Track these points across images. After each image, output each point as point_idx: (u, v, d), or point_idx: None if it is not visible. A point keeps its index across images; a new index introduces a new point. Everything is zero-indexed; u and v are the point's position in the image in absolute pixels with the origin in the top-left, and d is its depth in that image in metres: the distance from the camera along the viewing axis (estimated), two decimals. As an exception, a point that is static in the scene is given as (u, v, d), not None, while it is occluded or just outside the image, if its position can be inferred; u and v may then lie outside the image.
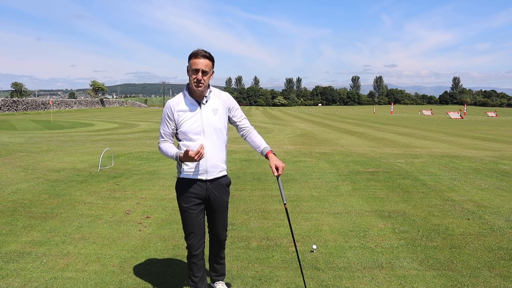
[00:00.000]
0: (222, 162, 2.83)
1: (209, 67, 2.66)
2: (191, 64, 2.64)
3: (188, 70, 2.68)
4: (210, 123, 2.73)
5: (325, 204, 5.84)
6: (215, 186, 2.82)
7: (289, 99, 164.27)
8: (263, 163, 9.58)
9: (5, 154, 10.48)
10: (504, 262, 3.80)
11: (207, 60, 2.64)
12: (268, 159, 2.78)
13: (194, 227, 2.79)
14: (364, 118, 48.95)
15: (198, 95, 2.73)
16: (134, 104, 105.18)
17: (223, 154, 2.83)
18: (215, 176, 2.79)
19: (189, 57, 2.67)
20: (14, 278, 3.40)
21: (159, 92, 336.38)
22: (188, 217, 2.79)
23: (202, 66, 2.62)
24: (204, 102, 2.75)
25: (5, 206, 5.60)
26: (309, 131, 22.17)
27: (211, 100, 2.78)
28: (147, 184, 7.17)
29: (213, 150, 2.75)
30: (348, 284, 3.35)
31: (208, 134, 2.73)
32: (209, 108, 2.75)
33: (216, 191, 2.82)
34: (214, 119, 2.74)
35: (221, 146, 2.81)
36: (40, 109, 58.17)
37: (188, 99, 2.75)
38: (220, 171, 2.82)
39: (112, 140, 15.68)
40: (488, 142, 16.57)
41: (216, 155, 2.77)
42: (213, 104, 2.77)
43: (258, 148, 2.88)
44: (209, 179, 2.78)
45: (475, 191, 6.76)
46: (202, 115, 2.73)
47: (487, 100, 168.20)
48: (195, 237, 2.80)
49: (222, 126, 2.79)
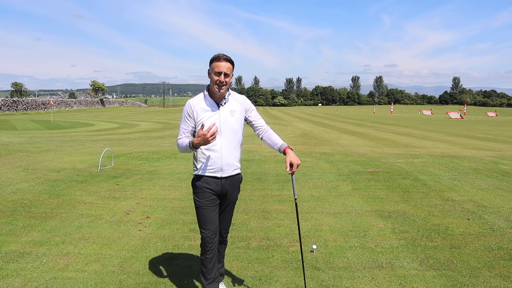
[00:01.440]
0: (237, 160, 2.95)
1: (230, 70, 2.80)
2: (214, 67, 2.77)
3: (210, 72, 2.81)
4: (227, 124, 2.85)
5: (325, 204, 5.84)
6: (230, 183, 2.93)
7: (289, 99, 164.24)
8: (263, 163, 9.59)
9: (5, 154, 10.48)
10: (504, 262, 3.80)
11: (228, 63, 2.79)
12: (286, 154, 2.86)
13: (208, 221, 2.87)
14: (364, 118, 48.94)
15: (218, 96, 2.85)
16: (134, 104, 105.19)
17: (237, 153, 2.95)
18: (229, 174, 2.91)
19: (211, 60, 2.81)
20: (14, 278, 3.40)
21: (159, 92, 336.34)
22: (203, 212, 2.87)
23: (224, 69, 2.76)
24: (223, 104, 2.86)
25: (5, 206, 5.60)
26: (309, 131, 22.17)
27: (229, 103, 2.90)
28: (147, 184, 7.17)
29: (228, 149, 2.86)
30: (348, 284, 3.35)
31: (224, 134, 2.84)
32: (227, 109, 2.87)
33: (230, 187, 2.94)
34: (231, 120, 2.86)
35: (236, 146, 2.92)
36: (40, 109, 58.17)
37: (208, 100, 2.87)
38: (234, 169, 2.93)
39: (112, 140, 15.68)
40: (488, 142, 16.57)
41: (231, 154, 2.88)
42: (231, 106, 2.90)
43: (275, 145, 2.96)
44: (224, 176, 2.89)
45: (475, 191, 6.76)
46: (220, 116, 2.84)
47: (487, 100, 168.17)
48: (210, 231, 2.87)
49: (238, 127, 2.91)
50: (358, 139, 17.40)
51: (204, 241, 2.88)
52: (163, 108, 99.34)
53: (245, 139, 12.47)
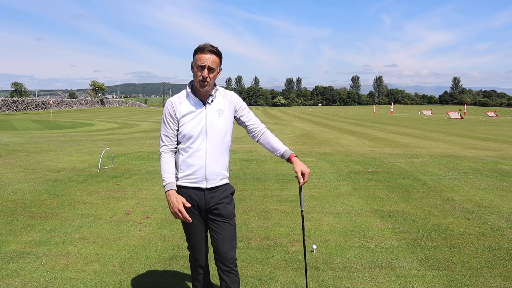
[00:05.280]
0: (224, 169, 2.52)
1: (216, 63, 2.37)
2: (196, 59, 2.35)
3: (193, 66, 2.39)
4: (214, 125, 2.44)
5: (325, 204, 5.84)
6: (215, 195, 2.49)
7: (289, 99, 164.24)
8: (263, 163, 9.59)
9: (5, 154, 10.48)
10: (504, 262, 3.80)
11: (214, 56, 2.35)
12: (292, 163, 2.49)
13: (195, 239, 2.60)
14: (364, 118, 48.94)
15: (203, 94, 2.45)
16: (134, 104, 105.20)
17: (225, 160, 2.53)
18: (215, 184, 2.48)
19: (194, 51, 2.37)
20: (14, 278, 3.40)
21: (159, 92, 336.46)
22: (187, 229, 2.59)
23: (208, 63, 2.33)
24: (210, 102, 2.46)
25: (5, 206, 5.60)
26: (309, 131, 22.17)
27: (216, 100, 2.49)
28: (147, 184, 7.17)
29: (215, 155, 2.45)
30: (348, 284, 3.35)
31: (211, 137, 2.43)
32: (214, 108, 2.46)
33: (217, 201, 2.49)
34: (219, 121, 2.46)
35: (224, 151, 2.51)
36: (40, 109, 58.17)
37: (191, 98, 2.46)
38: (221, 179, 2.50)
39: (112, 140, 15.68)
40: (488, 142, 16.57)
41: (218, 161, 2.47)
42: (219, 105, 2.49)
43: (277, 151, 2.56)
44: (209, 187, 2.47)
45: (475, 191, 6.76)
46: (207, 116, 2.44)
47: (487, 100, 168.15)
48: (199, 250, 2.62)
49: (227, 128, 2.50)
50: (358, 139, 17.40)
51: (193, 259, 2.65)
52: (163, 108, 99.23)
53: (245, 138, 12.51)
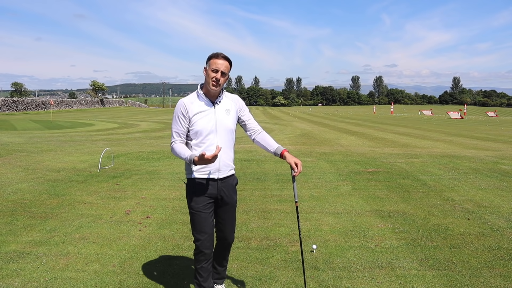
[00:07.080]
0: (232, 161, 2.90)
1: (227, 69, 2.75)
2: (211, 63, 2.71)
3: (206, 69, 2.75)
4: (223, 123, 2.80)
5: (325, 204, 5.84)
6: (225, 185, 2.86)
7: (289, 99, 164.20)
8: (263, 163, 9.59)
9: (5, 154, 10.48)
10: (504, 262, 3.80)
11: (226, 62, 2.74)
12: (285, 157, 2.84)
13: (205, 228, 2.78)
14: (364, 118, 48.94)
15: (212, 95, 2.79)
16: (134, 104, 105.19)
17: (232, 154, 2.90)
18: (226, 174, 2.85)
19: (208, 57, 2.75)
20: (14, 278, 3.40)
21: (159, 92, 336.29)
22: (199, 218, 2.78)
23: (222, 67, 2.70)
24: (218, 102, 2.81)
25: (5, 206, 5.60)
26: (309, 131, 22.17)
27: (224, 101, 2.85)
28: (147, 184, 7.17)
29: (225, 149, 2.81)
30: (348, 284, 3.35)
31: (220, 133, 2.78)
32: (222, 108, 2.82)
33: (226, 190, 2.87)
34: (227, 119, 2.82)
35: (231, 146, 2.88)
36: (40, 109, 58.16)
37: (202, 98, 2.80)
38: (230, 170, 2.88)
39: (112, 140, 15.68)
40: (488, 142, 16.57)
41: (227, 154, 2.83)
42: (226, 105, 2.85)
43: (270, 148, 2.93)
44: (221, 177, 2.83)
45: (475, 191, 6.76)
46: (216, 115, 2.78)
47: (487, 100, 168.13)
48: (207, 238, 2.78)
49: (233, 126, 2.88)
50: (358, 139, 17.40)
51: (200, 249, 2.77)
52: (163, 108, 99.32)
53: (244, 138, 12.53)
